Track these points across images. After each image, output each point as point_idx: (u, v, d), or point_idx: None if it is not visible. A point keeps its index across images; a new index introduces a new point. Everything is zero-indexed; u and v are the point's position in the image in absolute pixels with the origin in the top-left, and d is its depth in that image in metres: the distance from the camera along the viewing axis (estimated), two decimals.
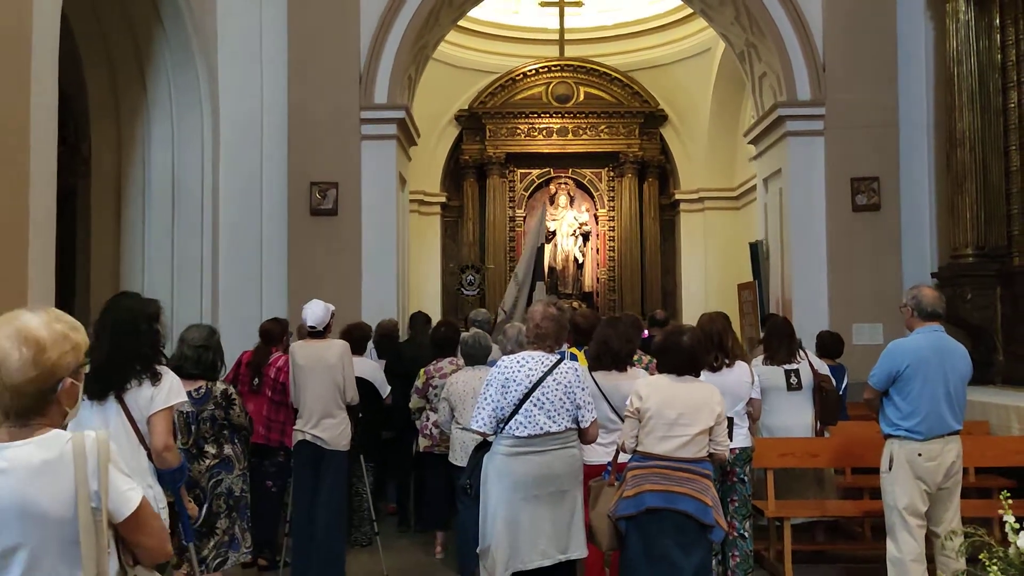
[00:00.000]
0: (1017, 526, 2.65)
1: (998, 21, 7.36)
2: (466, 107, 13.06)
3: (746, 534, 4.76)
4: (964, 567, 4.33)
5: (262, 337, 5.58)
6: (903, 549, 4.36)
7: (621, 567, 3.74)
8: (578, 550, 3.69)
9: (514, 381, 3.64)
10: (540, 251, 9.13)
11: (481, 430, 3.67)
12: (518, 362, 3.71)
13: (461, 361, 5.56)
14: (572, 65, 13.00)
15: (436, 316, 9.83)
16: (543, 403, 3.61)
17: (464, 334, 5.41)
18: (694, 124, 12.99)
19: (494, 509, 3.63)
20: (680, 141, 13.26)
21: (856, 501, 5.65)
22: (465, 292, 11.59)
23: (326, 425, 4.73)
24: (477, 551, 3.74)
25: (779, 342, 5.64)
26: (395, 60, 8.23)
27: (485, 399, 3.68)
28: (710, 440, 3.64)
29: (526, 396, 3.61)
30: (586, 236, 13.43)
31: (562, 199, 13.43)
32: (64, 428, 1.74)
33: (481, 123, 13.08)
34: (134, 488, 1.73)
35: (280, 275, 8.11)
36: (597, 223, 13.50)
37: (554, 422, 3.62)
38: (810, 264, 8.15)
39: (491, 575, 3.64)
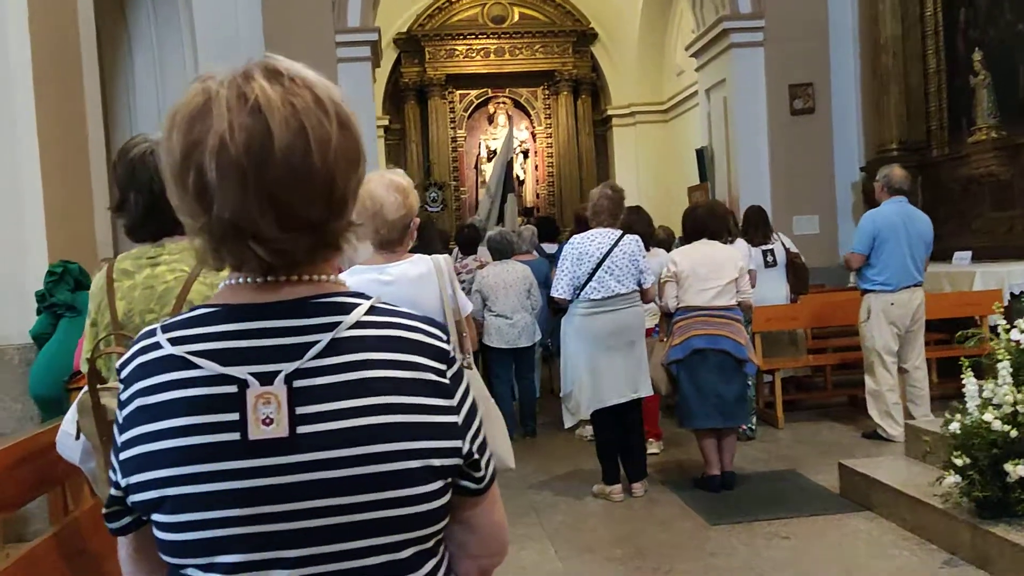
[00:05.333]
0: (1008, 326, 3.56)
1: None
2: (404, 30, 13.29)
3: (749, 382, 5.67)
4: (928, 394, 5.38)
5: None
6: (880, 382, 5.36)
7: (678, 405, 4.57)
8: (646, 389, 4.47)
9: (587, 255, 4.33)
10: (509, 165, 9.70)
11: (562, 297, 4.36)
12: (589, 238, 4.39)
13: (484, 258, 6.18)
14: None
15: None
16: (612, 270, 4.33)
17: (490, 233, 6.04)
18: (623, 41, 13.64)
19: (575, 360, 4.34)
20: (610, 58, 13.92)
21: (825, 354, 6.69)
22: (430, 208, 12.09)
23: None
24: (560, 395, 4.48)
25: (755, 228, 6.51)
26: None
27: (562, 272, 4.35)
28: (737, 291, 4.47)
29: (598, 265, 4.31)
30: (525, 154, 14.03)
31: (501, 118, 13.94)
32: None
33: (420, 45, 13.35)
34: (467, 300, 2.37)
35: None
36: (535, 141, 14.11)
37: (622, 285, 4.35)
38: (754, 164, 9.06)
39: (574, 414, 4.39)
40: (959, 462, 3.29)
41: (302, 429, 0.88)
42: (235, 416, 0.88)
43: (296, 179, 0.87)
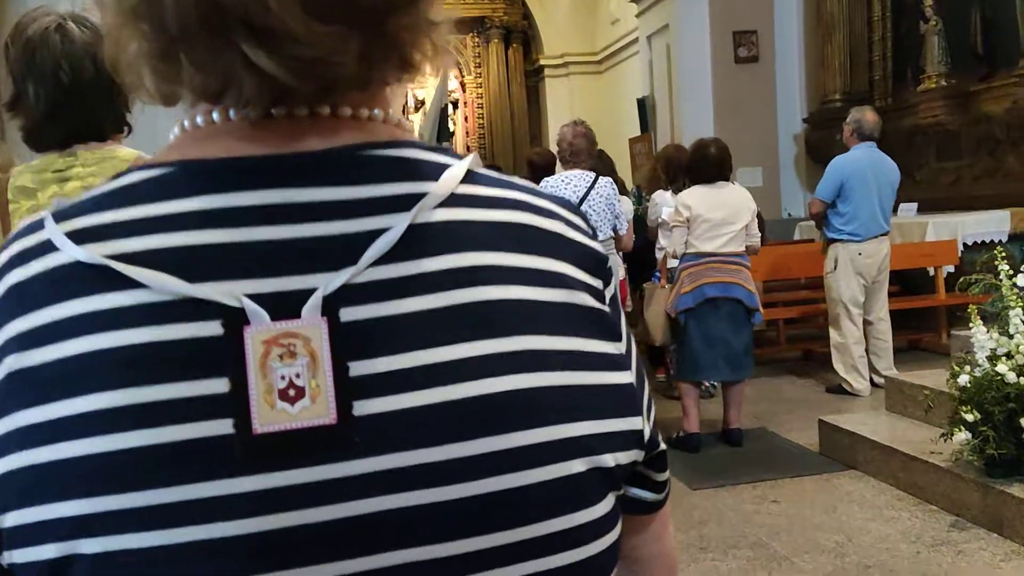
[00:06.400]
0: (1011, 272, 3.33)
1: None
2: None
3: None
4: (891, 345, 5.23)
5: None
6: (846, 334, 5.17)
7: (681, 355, 4.26)
8: None
9: None
10: (444, 112, 9.18)
11: None
12: (563, 181, 4.00)
13: None
14: None
15: None
16: (589, 215, 3.93)
17: None
18: None
19: None
20: (541, 5, 13.40)
21: (784, 307, 6.52)
22: None
23: None
24: None
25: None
26: None
27: None
28: (747, 235, 4.18)
29: None
30: (455, 104, 13.47)
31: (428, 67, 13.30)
32: None
33: None
34: None
35: None
36: (465, 91, 13.56)
37: (599, 231, 3.98)
38: (698, 114, 8.77)
39: None
40: (970, 417, 3.06)
41: (363, 408, 0.44)
42: (221, 385, 0.43)
43: None
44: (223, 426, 0.43)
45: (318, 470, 0.44)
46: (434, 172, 0.50)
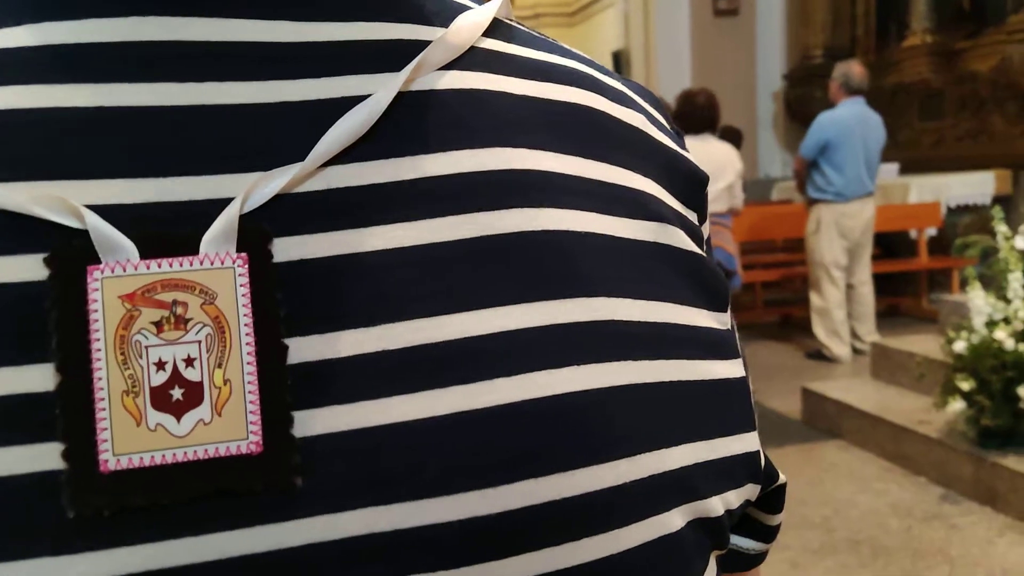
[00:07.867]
0: (1009, 234, 3.16)
1: None
2: None
3: None
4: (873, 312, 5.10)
5: None
6: (827, 298, 5.01)
7: None
8: None
9: None
10: None
11: None
12: None
13: None
14: None
15: None
16: None
17: None
18: None
19: None
20: None
21: (762, 269, 6.36)
22: None
23: None
24: None
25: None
26: None
27: None
28: (730, 195, 3.97)
29: None
30: None
31: None
32: None
33: None
34: None
35: None
36: None
37: None
38: (675, 70, 8.53)
39: None
40: (965, 386, 2.91)
41: (310, 425, 0.24)
42: (41, 378, 0.23)
43: None
44: (44, 456, 0.23)
45: (226, 540, 0.24)
46: (442, 12, 0.31)
